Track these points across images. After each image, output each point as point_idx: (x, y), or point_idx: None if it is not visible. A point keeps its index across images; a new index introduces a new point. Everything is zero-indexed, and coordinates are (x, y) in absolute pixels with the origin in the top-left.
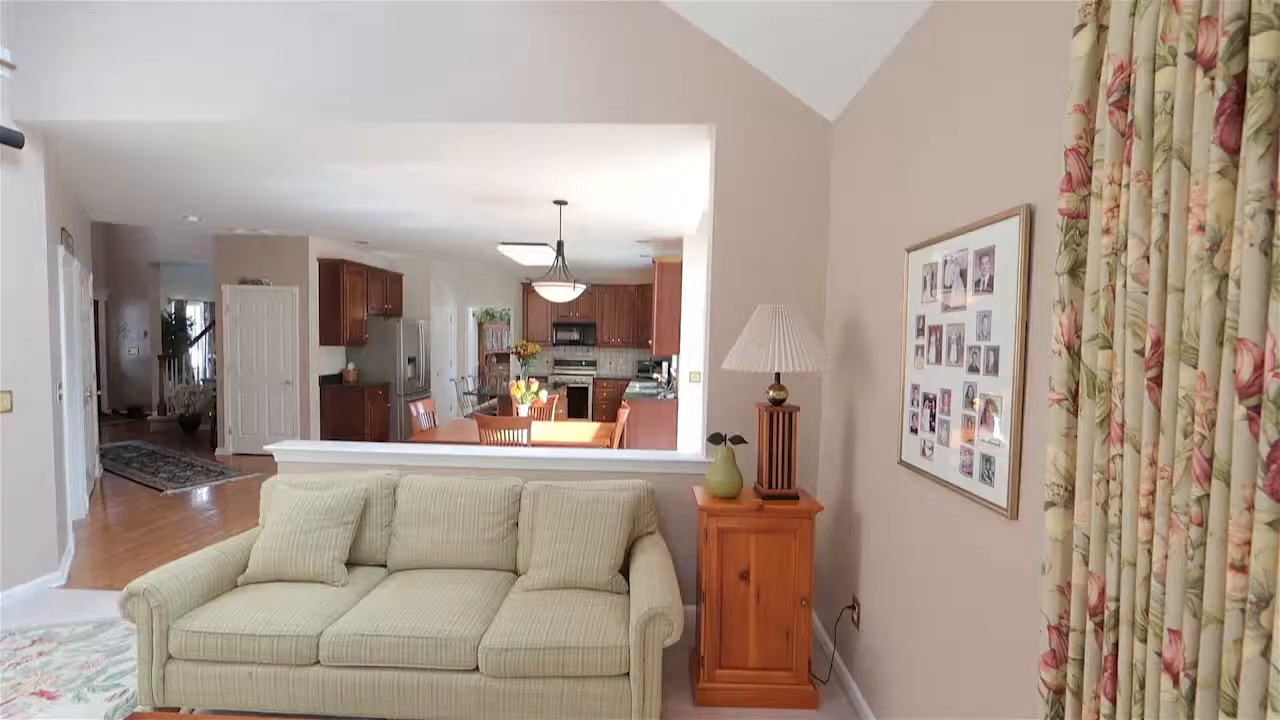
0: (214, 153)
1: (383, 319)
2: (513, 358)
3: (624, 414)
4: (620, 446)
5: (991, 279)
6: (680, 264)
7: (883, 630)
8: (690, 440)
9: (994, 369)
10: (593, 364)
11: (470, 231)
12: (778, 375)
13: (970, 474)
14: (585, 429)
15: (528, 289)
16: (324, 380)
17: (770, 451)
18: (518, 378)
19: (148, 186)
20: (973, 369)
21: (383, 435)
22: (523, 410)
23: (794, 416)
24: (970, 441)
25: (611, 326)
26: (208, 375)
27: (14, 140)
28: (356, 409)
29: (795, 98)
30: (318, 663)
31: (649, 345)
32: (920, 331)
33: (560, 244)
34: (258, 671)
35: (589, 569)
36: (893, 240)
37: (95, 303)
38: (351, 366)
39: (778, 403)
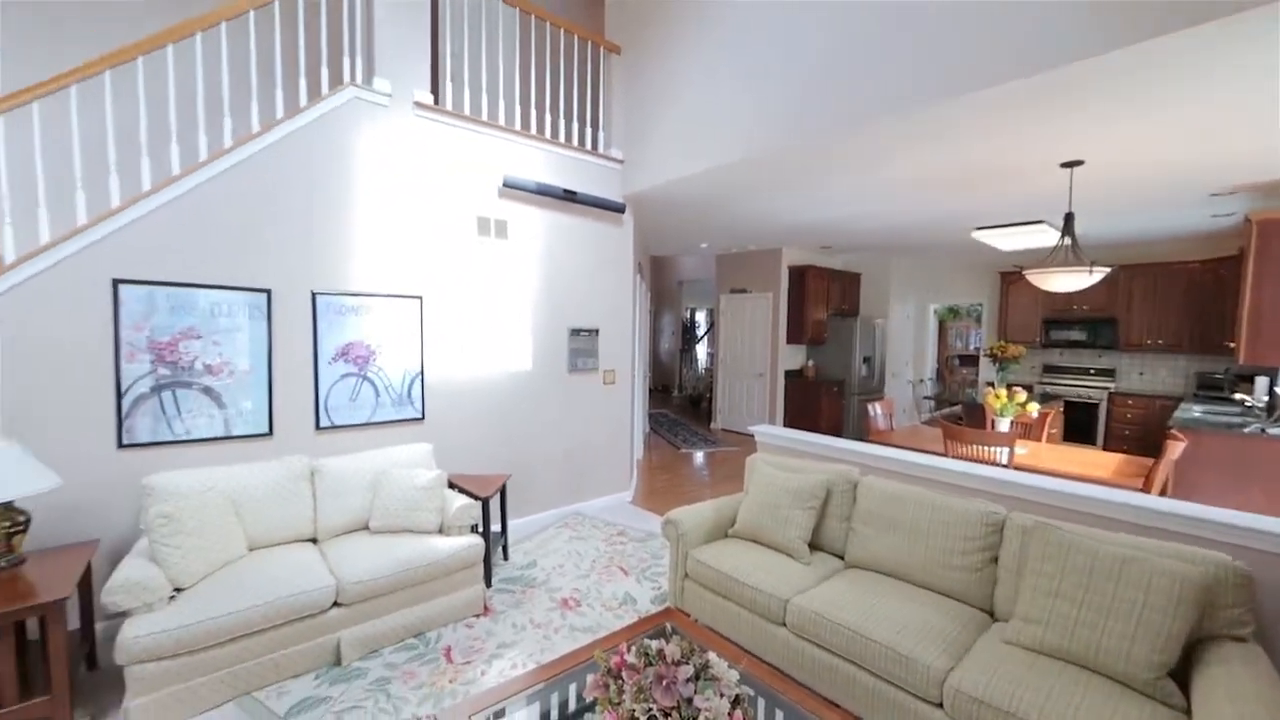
0: (724, 189)
1: (840, 319)
2: (983, 360)
3: (1175, 448)
4: (1161, 493)
5: None
6: None
7: None
8: None
9: None
10: (1107, 373)
11: (935, 221)
12: None
13: None
14: (1096, 459)
15: (1009, 279)
16: (787, 374)
17: None
18: (990, 384)
19: (679, 226)
20: None
21: (835, 430)
22: (1002, 424)
23: None
24: None
25: (1143, 321)
26: (707, 365)
27: (621, 209)
28: (813, 402)
29: None
30: (784, 625)
31: (1226, 349)
32: None
33: (1069, 218)
34: (741, 613)
35: (1112, 651)
36: None
37: (649, 312)
38: (810, 363)
39: None
